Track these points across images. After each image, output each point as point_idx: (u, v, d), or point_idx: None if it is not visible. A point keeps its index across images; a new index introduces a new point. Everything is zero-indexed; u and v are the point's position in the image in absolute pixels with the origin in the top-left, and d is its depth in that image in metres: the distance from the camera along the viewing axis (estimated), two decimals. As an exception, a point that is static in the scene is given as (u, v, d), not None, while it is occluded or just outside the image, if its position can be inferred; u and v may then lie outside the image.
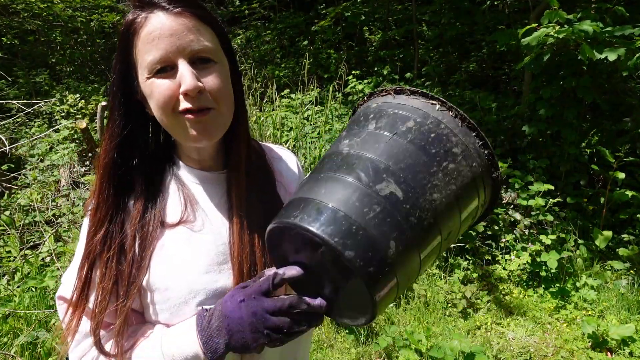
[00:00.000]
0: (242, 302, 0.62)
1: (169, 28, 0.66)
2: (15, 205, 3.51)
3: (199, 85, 0.66)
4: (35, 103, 5.19)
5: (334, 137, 3.78)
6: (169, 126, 0.71)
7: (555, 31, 3.02)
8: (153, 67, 0.67)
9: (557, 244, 3.37)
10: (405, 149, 0.61)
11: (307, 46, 6.74)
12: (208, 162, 0.81)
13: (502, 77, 5.72)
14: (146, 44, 0.67)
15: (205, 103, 0.68)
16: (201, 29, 0.69)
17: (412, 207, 0.57)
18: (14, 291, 2.60)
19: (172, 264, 0.73)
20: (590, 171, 3.92)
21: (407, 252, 0.57)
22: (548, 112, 3.84)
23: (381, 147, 0.61)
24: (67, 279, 0.76)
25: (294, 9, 7.64)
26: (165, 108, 0.68)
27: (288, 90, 5.10)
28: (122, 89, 0.73)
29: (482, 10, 5.38)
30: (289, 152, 0.96)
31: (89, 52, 7.63)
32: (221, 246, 0.76)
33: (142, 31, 0.67)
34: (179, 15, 0.67)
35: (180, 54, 0.67)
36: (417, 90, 0.67)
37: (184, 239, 0.75)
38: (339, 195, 0.58)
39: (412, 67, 5.76)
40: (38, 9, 6.26)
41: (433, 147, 0.61)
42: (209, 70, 0.69)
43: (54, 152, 4.36)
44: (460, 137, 0.63)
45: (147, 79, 0.68)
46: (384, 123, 0.65)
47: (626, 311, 2.97)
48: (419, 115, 0.64)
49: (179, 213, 0.76)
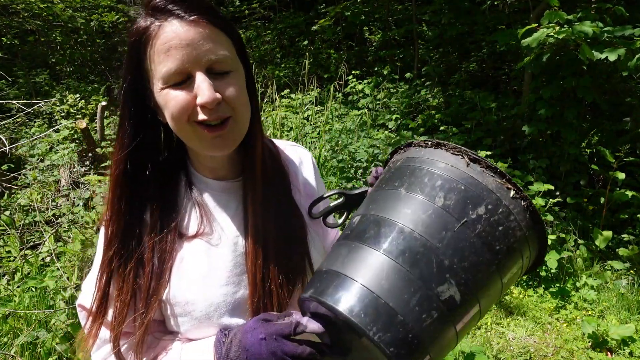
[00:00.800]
0: (264, 340, 0.62)
1: (185, 38, 0.63)
2: (15, 205, 3.51)
3: (217, 97, 0.65)
4: (35, 103, 5.19)
5: (334, 137, 3.77)
6: (185, 136, 0.70)
7: (555, 31, 3.02)
8: (169, 79, 0.65)
9: (557, 244, 3.37)
10: (471, 243, 0.56)
11: (307, 46, 6.74)
12: (222, 171, 0.79)
13: (502, 77, 5.72)
14: (161, 55, 0.64)
15: (223, 113, 0.67)
16: (217, 37, 0.66)
17: (465, 311, 0.56)
18: (14, 291, 2.60)
19: (191, 278, 0.73)
20: (590, 171, 3.92)
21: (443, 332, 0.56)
22: (548, 112, 3.84)
23: (448, 237, 0.56)
24: (87, 287, 0.76)
25: (294, 9, 7.64)
26: (181, 119, 0.66)
27: (288, 90, 5.10)
28: (132, 98, 0.70)
29: (482, 10, 5.38)
30: (303, 149, 0.93)
31: (89, 52, 7.63)
32: (238, 257, 0.75)
33: (157, 41, 0.64)
34: (195, 23, 0.64)
35: (197, 64, 0.64)
36: (493, 165, 0.60)
37: (202, 251, 0.74)
38: (398, 293, 0.54)
39: (412, 67, 5.76)
40: (38, 9, 6.26)
41: (498, 243, 0.57)
42: (226, 79, 0.67)
43: (54, 152, 4.36)
44: (525, 231, 0.59)
45: (161, 89, 0.66)
46: (454, 201, 0.58)
47: (626, 311, 2.97)
48: (491, 200, 0.58)
49: (196, 225, 0.75)
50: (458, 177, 0.60)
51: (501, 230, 0.57)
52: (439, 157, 0.62)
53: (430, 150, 0.64)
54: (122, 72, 0.71)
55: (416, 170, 0.63)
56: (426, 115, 4.69)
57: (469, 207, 0.57)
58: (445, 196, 0.58)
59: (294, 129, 4.04)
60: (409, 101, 5.04)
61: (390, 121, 4.56)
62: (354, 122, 4.14)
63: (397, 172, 0.66)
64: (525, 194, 0.59)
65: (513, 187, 0.59)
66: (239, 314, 0.74)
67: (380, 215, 0.61)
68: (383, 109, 4.97)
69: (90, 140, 4.13)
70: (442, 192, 0.59)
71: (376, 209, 0.62)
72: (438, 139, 0.70)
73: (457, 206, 0.58)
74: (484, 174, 0.60)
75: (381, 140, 3.71)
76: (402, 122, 4.50)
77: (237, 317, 0.73)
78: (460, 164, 0.61)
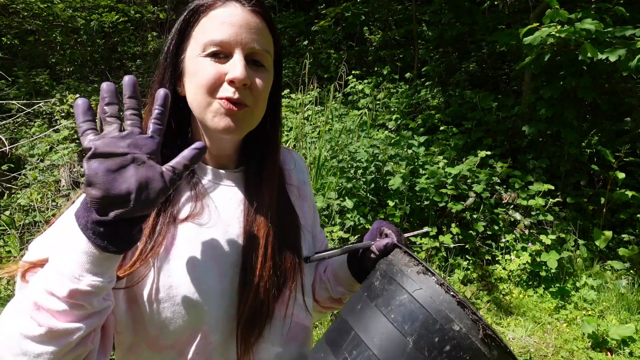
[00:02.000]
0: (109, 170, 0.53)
1: (239, 20, 0.69)
2: (15, 205, 3.51)
3: (247, 78, 0.68)
4: (35, 103, 5.19)
5: (334, 137, 3.77)
6: (201, 107, 0.71)
7: (557, 30, 3.02)
8: (210, 48, 0.69)
9: (557, 244, 3.37)
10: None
11: (307, 46, 6.74)
12: (224, 160, 0.80)
13: (502, 77, 5.72)
14: (214, 25, 0.69)
15: (244, 97, 0.70)
16: (265, 33, 0.72)
17: None
18: (13, 291, 2.60)
19: (179, 262, 0.71)
20: (590, 171, 3.92)
21: None
22: (548, 112, 3.84)
23: None
24: (38, 245, 0.69)
25: (294, 9, 7.65)
26: (208, 89, 0.69)
27: (288, 90, 5.10)
28: (172, 63, 0.74)
29: (482, 10, 5.38)
30: (297, 154, 0.96)
31: (89, 52, 7.63)
32: (230, 246, 0.75)
33: (213, 12, 0.70)
34: (252, 12, 0.70)
35: (240, 46, 0.69)
36: (478, 316, 0.59)
37: (193, 236, 0.73)
38: None
39: (412, 67, 5.76)
40: (38, 9, 6.25)
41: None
42: (258, 72, 0.71)
43: (54, 152, 4.37)
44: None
45: (198, 55, 0.70)
46: (424, 339, 0.59)
47: (626, 311, 2.97)
48: (463, 342, 0.58)
49: (189, 209, 0.75)
50: (434, 313, 0.59)
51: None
52: (423, 285, 0.63)
53: (420, 277, 0.64)
54: (169, 37, 0.75)
55: (397, 293, 0.64)
56: (426, 115, 4.69)
57: (437, 345, 0.58)
58: (418, 332, 0.59)
59: (294, 129, 4.04)
60: (409, 101, 5.04)
61: (390, 121, 4.56)
62: (354, 122, 4.14)
63: (380, 288, 0.68)
64: (499, 341, 0.57)
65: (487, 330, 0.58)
66: (226, 306, 0.72)
67: (357, 334, 0.64)
68: (383, 109, 4.97)
69: (90, 140, 4.12)
70: (415, 327, 0.60)
71: (355, 323, 0.66)
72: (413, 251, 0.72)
73: (426, 343, 0.58)
74: (461, 313, 0.59)
75: (381, 140, 3.71)
76: (402, 122, 4.50)
77: (223, 307, 0.71)
78: (441, 300, 0.60)
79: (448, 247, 3.31)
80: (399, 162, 3.56)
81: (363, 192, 3.37)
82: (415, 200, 3.48)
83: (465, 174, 3.55)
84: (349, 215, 3.21)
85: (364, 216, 3.25)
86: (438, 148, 4.06)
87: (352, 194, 3.36)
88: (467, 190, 3.53)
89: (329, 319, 2.77)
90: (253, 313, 0.72)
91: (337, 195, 3.29)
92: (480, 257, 3.44)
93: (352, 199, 3.24)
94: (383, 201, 3.46)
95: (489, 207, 3.57)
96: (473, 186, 3.52)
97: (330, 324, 0.73)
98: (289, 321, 0.78)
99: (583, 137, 3.97)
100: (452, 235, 3.31)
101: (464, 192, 3.52)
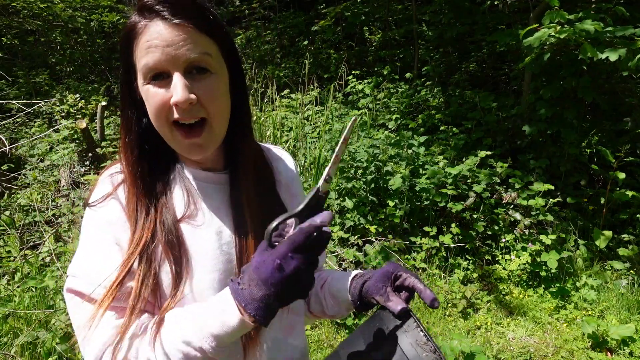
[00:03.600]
0: (279, 265, 0.60)
1: (166, 39, 0.67)
2: (15, 205, 3.51)
3: (190, 97, 0.67)
4: (35, 103, 5.19)
5: (334, 137, 3.78)
6: (164, 136, 0.73)
7: (557, 31, 3.02)
8: (147, 74, 0.68)
9: (557, 244, 3.37)
10: None
11: (307, 46, 6.74)
12: (209, 164, 0.81)
13: (502, 77, 5.72)
14: (143, 51, 0.68)
15: (197, 114, 0.69)
16: (199, 39, 0.69)
17: None
18: (14, 291, 2.60)
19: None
20: (590, 171, 3.92)
21: None
22: (548, 112, 3.84)
23: None
24: (80, 271, 0.71)
25: (294, 9, 7.64)
26: (160, 117, 0.70)
27: (288, 90, 5.10)
28: (128, 86, 0.75)
29: (482, 10, 5.38)
30: (285, 152, 0.97)
31: (89, 52, 7.63)
32: (224, 246, 0.76)
33: (141, 38, 0.68)
34: (178, 26, 0.67)
35: (175, 64, 0.67)
36: None
37: (188, 237, 0.75)
38: None
39: (412, 67, 5.76)
40: (38, 9, 6.25)
41: None
42: (204, 80, 0.69)
43: (54, 152, 4.36)
44: None
45: (143, 84, 0.70)
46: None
47: (626, 311, 2.97)
48: None
49: (182, 209, 0.77)
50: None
51: None
52: (414, 343, 0.70)
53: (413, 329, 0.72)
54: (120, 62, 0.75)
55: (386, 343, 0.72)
56: (426, 115, 4.69)
57: None
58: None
59: (294, 129, 4.04)
60: (409, 101, 5.04)
61: (390, 121, 4.56)
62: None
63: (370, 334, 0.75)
64: None
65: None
66: None
67: None
68: (383, 109, 4.97)
69: (90, 140, 4.13)
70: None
71: None
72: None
73: None
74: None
75: (381, 140, 3.71)
76: (402, 122, 4.50)
77: None
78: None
79: (448, 247, 3.31)
80: (399, 162, 3.56)
81: (363, 192, 3.37)
82: (415, 200, 3.49)
83: (465, 174, 3.55)
84: (349, 215, 3.21)
85: (364, 216, 3.25)
86: (438, 148, 4.06)
87: (352, 194, 3.36)
88: (467, 190, 3.53)
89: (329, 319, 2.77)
90: None
91: (337, 195, 3.29)
92: (480, 257, 3.44)
93: (352, 199, 3.24)
94: (383, 201, 3.46)
95: (489, 207, 3.57)
96: (473, 186, 3.53)
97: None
98: (286, 313, 0.83)
99: (583, 137, 3.97)
100: (452, 235, 3.31)
101: (464, 192, 3.52)
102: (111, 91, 6.64)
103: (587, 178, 3.93)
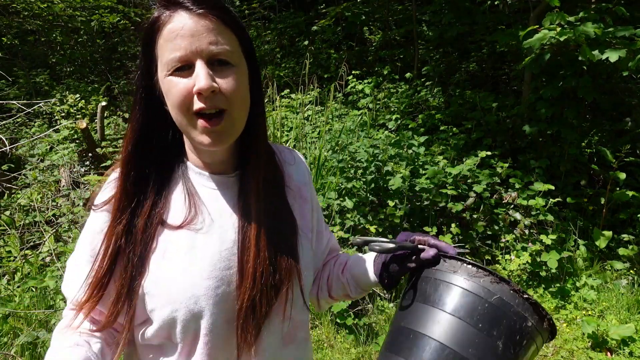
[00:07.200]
0: None
1: (190, 28, 0.67)
2: (15, 205, 3.51)
3: (213, 85, 0.67)
4: (35, 103, 5.19)
5: (334, 137, 3.78)
6: (183, 126, 0.72)
7: (557, 33, 3.02)
8: (172, 65, 0.68)
9: (557, 244, 3.37)
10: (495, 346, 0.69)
11: (307, 46, 6.74)
12: (219, 166, 0.80)
13: (502, 77, 5.72)
14: (167, 42, 0.69)
15: (218, 104, 0.69)
16: (222, 31, 0.70)
17: None
18: (14, 291, 2.60)
19: (174, 269, 0.72)
20: (590, 171, 3.92)
21: None
22: (548, 112, 3.84)
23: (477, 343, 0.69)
24: (66, 274, 0.79)
25: (294, 9, 7.64)
26: (181, 107, 0.69)
27: (288, 90, 5.09)
28: (143, 85, 0.75)
29: (482, 10, 5.38)
30: (299, 155, 0.95)
31: (89, 52, 7.63)
32: (225, 251, 0.75)
33: (165, 29, 0.69)
34: (202, 16, 0.68)
35: (199, 54, 0.68)
36: (519, 289, 0.70)
37: (187, 242, 0.74)
38: None
39: (412, 67, 5.76)
40: (38, 9, 6.24)
41: (518, 346, 0.70)
42: (225, 72, 0.70)
43: (54, 152, 4.36)
44: (539, 330, 0.72)
45: (165, 75, 0.70)
46: (484, 321, 0.70)
47: (626, 311, 2.97)
48: (516, 317, 0.70)
49: (183, 216, 0.76)
50: (515, 315, 0.70)
51: (519, 338, 0.69)
52: (467, 276, 0.73)
53: (494, 286, 0.73)
54: (138, 60, 0.76)
55: (476, 302, 0.72)
56: (426, 115, 4.69)
57: (495, 324, 0.69)
58: (478, 317, 0.70)
59: (294, 129, 4.04)
60: (409, 101, 5.04)
61: (390, 121, 4.56)
62: (354, 122, 4.14)
63: (432, 287, 0.76)
64: (543, 313, 0.70)
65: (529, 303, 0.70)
66: (225, 310, 0.73)
67: (417, 331, 0.72)
68: (383, 109, 4.97)
69: (90, 140, 4.13)
70: (501, 330, 0.69)
71: (414, 323, 0.73)
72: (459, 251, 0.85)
73: (486, 323, 0.69)
74: (511, 295, 0.70)
75: (381, 140, 3.71)
76: (402, 122, 4.50)
77: (222, 312, 0.73)
78: (491, 286, 0.71)
79: (448, 247, 3.31)
80: (399, 162, 3.56)
81: (363, 192, 3.37)
82: (416, 200, 3.49)
83: (465, 174, 3.55)
84: (349, 215, 3.21)
85: (364, 216, 3.25)
86: (438, 148, 4.06)
87: (352, 194, 3.36)
88: (467, 190, 3.53)
89: (328, 319, 2.77)
90: (250, 316, 0.73)
91: (337, 195, 3.29)
92: (480, 257, 3.44)
93: (352, 199, 3.24)
94: (383, 201, 3.46)
95: (489, 207, 3.57)
96: (473, 186, 3.53)
97: (389, 338, 0.76)
98: (287, 323, 0.79)
99: (583, 137, 3.97)
100: (452, 235, 3.31)
101: (464, 192, 3.52)
102: (111, 91, 6.64)
103: (587, 178, 3.93)
